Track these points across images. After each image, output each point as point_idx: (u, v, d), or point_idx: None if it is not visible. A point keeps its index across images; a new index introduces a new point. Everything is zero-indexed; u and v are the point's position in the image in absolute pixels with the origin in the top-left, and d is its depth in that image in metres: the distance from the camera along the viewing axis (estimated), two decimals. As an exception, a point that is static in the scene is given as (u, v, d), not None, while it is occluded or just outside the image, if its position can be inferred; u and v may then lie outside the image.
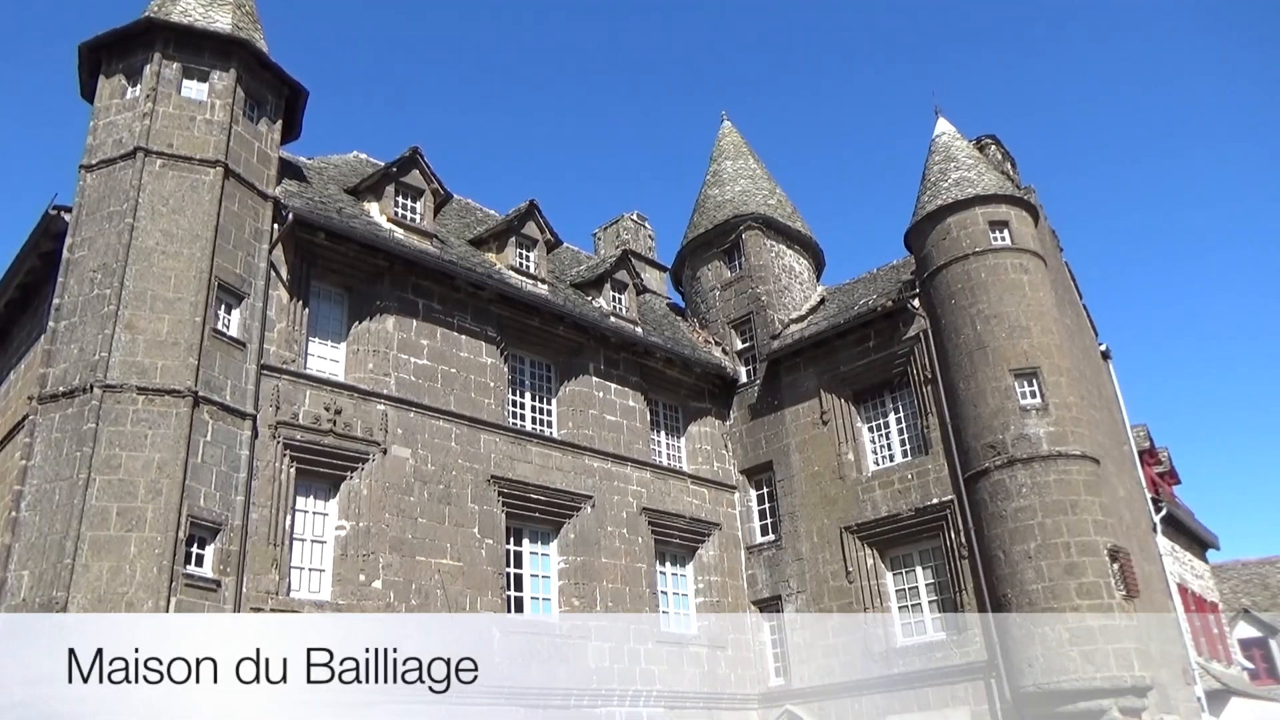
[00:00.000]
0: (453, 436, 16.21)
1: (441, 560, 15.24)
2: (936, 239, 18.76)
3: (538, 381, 18.90)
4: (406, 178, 17.56)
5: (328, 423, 14.51)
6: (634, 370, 20.21)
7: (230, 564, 12.54)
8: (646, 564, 18.66)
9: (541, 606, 17.05)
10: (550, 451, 17.82)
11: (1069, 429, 16.82)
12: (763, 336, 21.66)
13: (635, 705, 17.26)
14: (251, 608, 12.71)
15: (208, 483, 12.50)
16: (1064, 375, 17.36)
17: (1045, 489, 16.29)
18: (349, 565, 14.23)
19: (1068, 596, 15.53)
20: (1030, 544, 16.03)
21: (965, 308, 17.94)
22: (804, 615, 19.21)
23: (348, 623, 13.68)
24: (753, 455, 21.29)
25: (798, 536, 19.85)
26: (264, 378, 13.93)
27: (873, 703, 17.79)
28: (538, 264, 19.37)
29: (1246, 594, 34.76)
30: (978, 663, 16.58)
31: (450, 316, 17.07)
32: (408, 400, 15.74)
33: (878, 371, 19.63)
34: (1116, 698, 15.10)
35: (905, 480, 18.56)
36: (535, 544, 17.45)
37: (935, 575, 18.10)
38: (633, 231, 27.23)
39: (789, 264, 23.23)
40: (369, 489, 14.75)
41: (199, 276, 13.23)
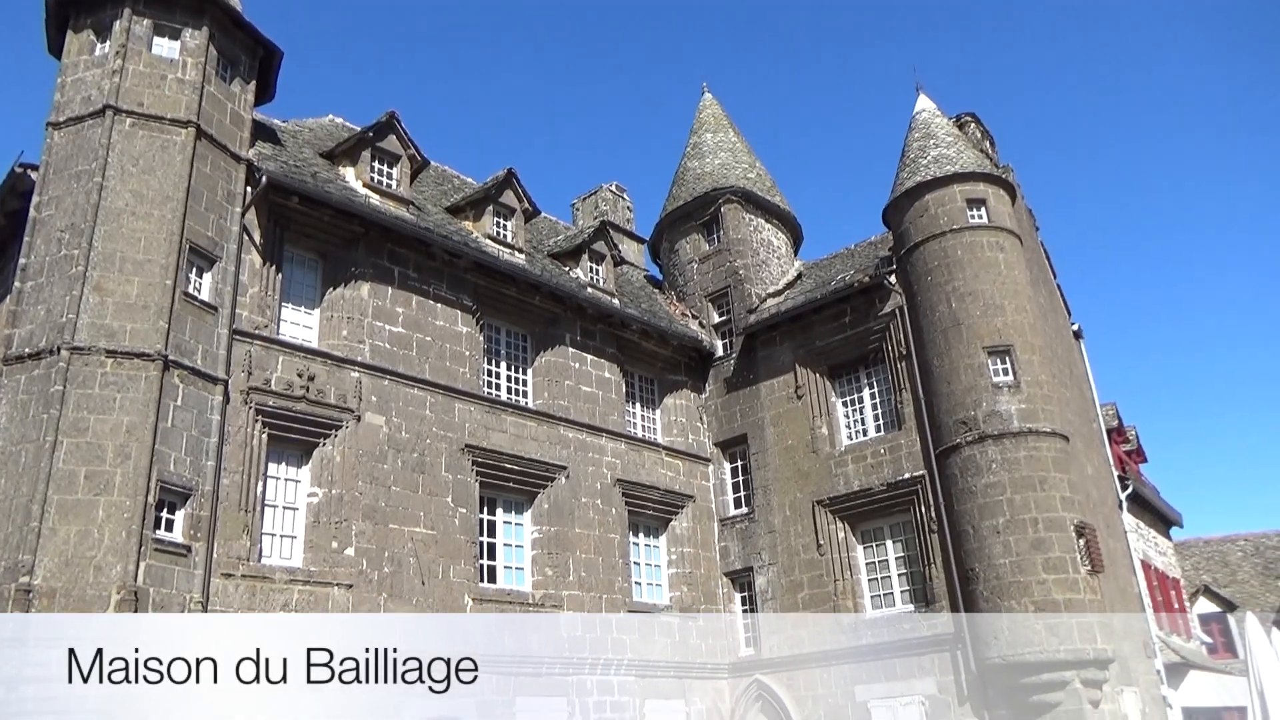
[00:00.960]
0: (427, 405, 16.15)
1: (415, 529, 15.23)
2: (914, 216, 18.81)
3: (513, 351, 18.83)
4: (383, 143, 17.33)
5: (300, 389, 14.39)
6: (610, 342, 20.19)
7: (201, 529, 12.46)
8: (620, 535, 18.75)
9: (515, 576, 17.10)
10: (525, 421, 17.80)
11: (1040, 406, 17.01)
12: (740, 310, 21.69)
13: (607, 674, 17.41)
14: (222, 573, 12.66)
15: (178, 448, 12.38)
16: (1036, 353, 17.52)
17: (1015, 465, 16.49)
18: (321, 532, 14.18)
19: (1034, 571, 15.78)
20: (999, 519, 16.24)
21: (941, 285, 18.03)
22: (775, 587, 19.42)
23: (323, 592, 13.67)
24: (727, 428, 21.39)
25: (770, 509, 20.01)
26: (236, 343, 13.78)
27: (841, 673, 18.05)
28: (515, 233, 19.24)
29: (1207, 571, 35.51)
30: (945, 635, 16.83)
31: (426, 284, 16.94)
32: (382, 368, 15.64)
33: (853, 347, 19.73)
34: (1079, 670, 15.41)
35: (878, 455, 18.73)
36: (509, 514, 17.48)
37: (905, 549, 18.32)
38: (611, 202, 27.09)
39: (767, 238, 23.23)
40: (342, 456, 14.68)
41: (170, 239, 13.02)
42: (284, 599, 13.24)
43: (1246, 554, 36.34)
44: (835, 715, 17.92)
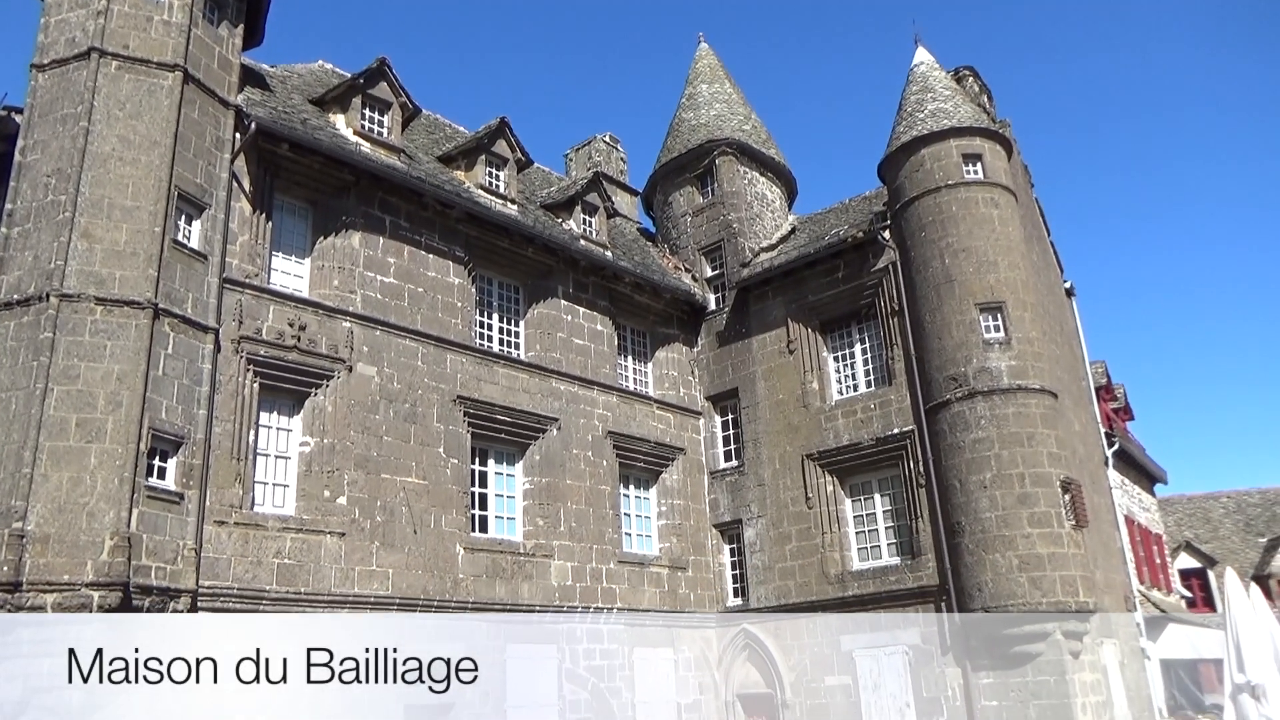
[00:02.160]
0: (419, 356, 16.14)
1: (407, 479, 15.31)
2: (910, 170, 18.69)
3: (505, 303, 18.78)
4: (374, 90, 17.07)
5: (291, 339, 14.35)
6: (603, 294, 20.14)
7: (193, 477, 12.51)
8: (610, 486, 18.90)
9: (506, 526, 17.25)
10: (517, 373, 17.82)
11: (1030, 363, 17.09)
12: (733, 264, 21.63)
13: (597, 623, 17.67)
14: (215, 521, 12.73)
15: (169, 396, 12.37)
16: (1028, 310, 17.55)
17: (1004, 421, 16.61)
18: (313, 481, 14.25)
19: (1019, 525, 15.98)
20: (986, 474, 16.40)
21: (935, 240, 17.98)
22: (763, 539, 19.65)
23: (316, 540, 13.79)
24: (719, 382, 21.46)
25: (760, 463, 20.16)
26: (226, 291, 13.70)
27: (826, 623, 18.36)
28: (508, 183, 19.07)
29: (1189, 527, 36.06)
30: (930, 587, 17.09)
31: (418, 235, 16.82)
32: (374, 318, 15.60)
33: (845, 302, 19.73)
34: (1060, 622, 15.68)
35: (868, 410, 18.83)
36: (500, 464, 17.57)
37: (893, 503, 18.52)
38: (605, 154, 26.85)
39: (761, 191, 23.08)
40: (334, 406, 14.70)
41: (158, 185, 12.86)
42: (276, 546, 13.34)
43: (1228, 511, 36.91)
44: (820, 664, 18.26)
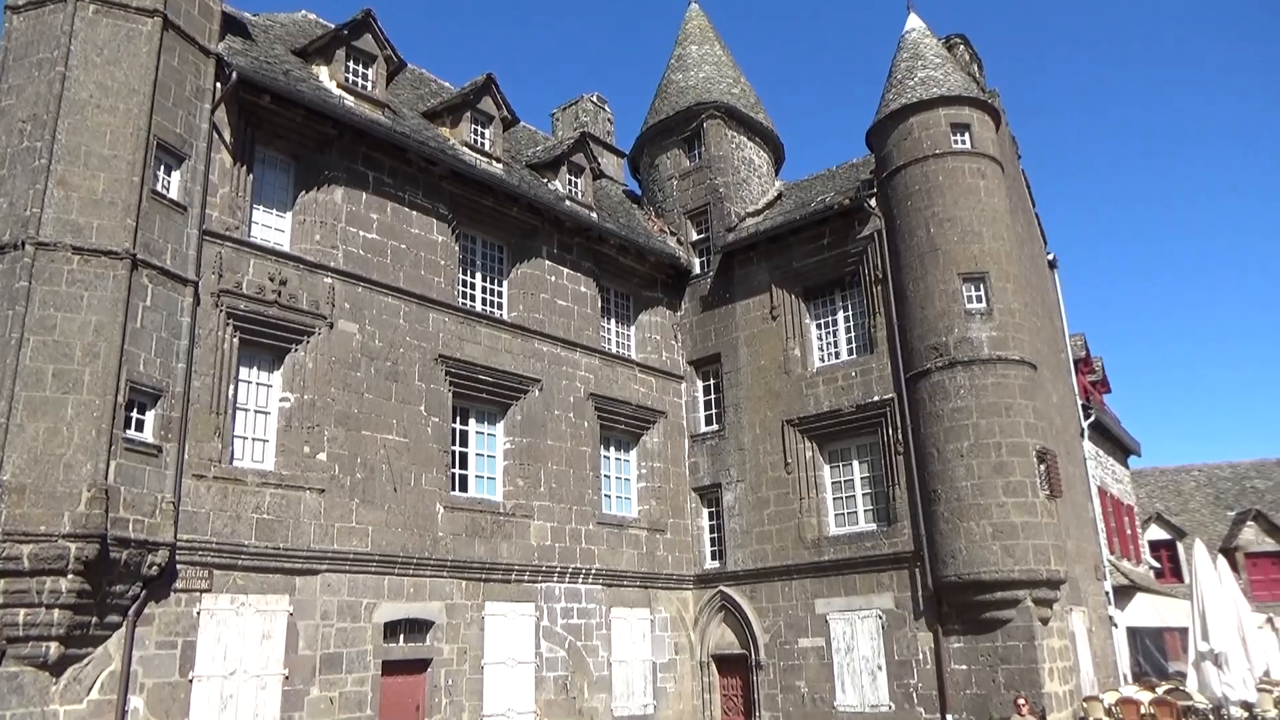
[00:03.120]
0: (401, 314, 16.04)
1: (387, 436, 15.29)
2: (898, 139, 18.62)
3: (489, 262, 18.67)
4: (358, 42, 16.78)
5: (272, 293, 14.22)
6: (587, 256, 20.05)
7: (171, 430, 12.43)
8: (591, 448, 18.96)
9: (486, 486, 17.30)
10: (500, 333, 17.76)
11: (1010, 334, 17.19)
12: (718, 228, 21.57)
13: (575, 582, 17.83)
14: (194, 475, 12.68)
15: (147, 348, 12.25)
16: (1010, 281, 17.62)
17: (983, 391, 16.75)
18: (293, 437, 14.20)
19: (994, 494, 16.18)
20: (964, 443, 16.57)
21: (921, 209, 17.98)
22: (742, 503, 19.82)
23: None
24: (701, 346, 21.49)
25: (741, 428, 20.27)
26: (206, 244, 13.52)
27: (802, 587, 18.60)
28: (493, 142, 18.87)
29: (1160, 499, 36.65)
30: (904, 553, 17.32)
31: (401, 191, 16.65)
32: (356, 274, 15.47)
33: (830, 269, 19.74)
34: (1031, 589, 15.95)
35: (849, 378, 18.93)
36: (481, 424, 17.57)
37: (870, 469, 18.69)
38: (592, 114, 26.59)
39: (749, 156, 22.96)
40: (314, 362, 14.61)
41: (136, 134, 12.63)
42: (256, 502, 13.32)
43: (1199, 484, 37.51)
44: (795, 627, 18.53)
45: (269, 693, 12.97)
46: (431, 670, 15.14)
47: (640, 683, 18.72)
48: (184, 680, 12.19)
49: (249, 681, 12.80)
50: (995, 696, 15.81)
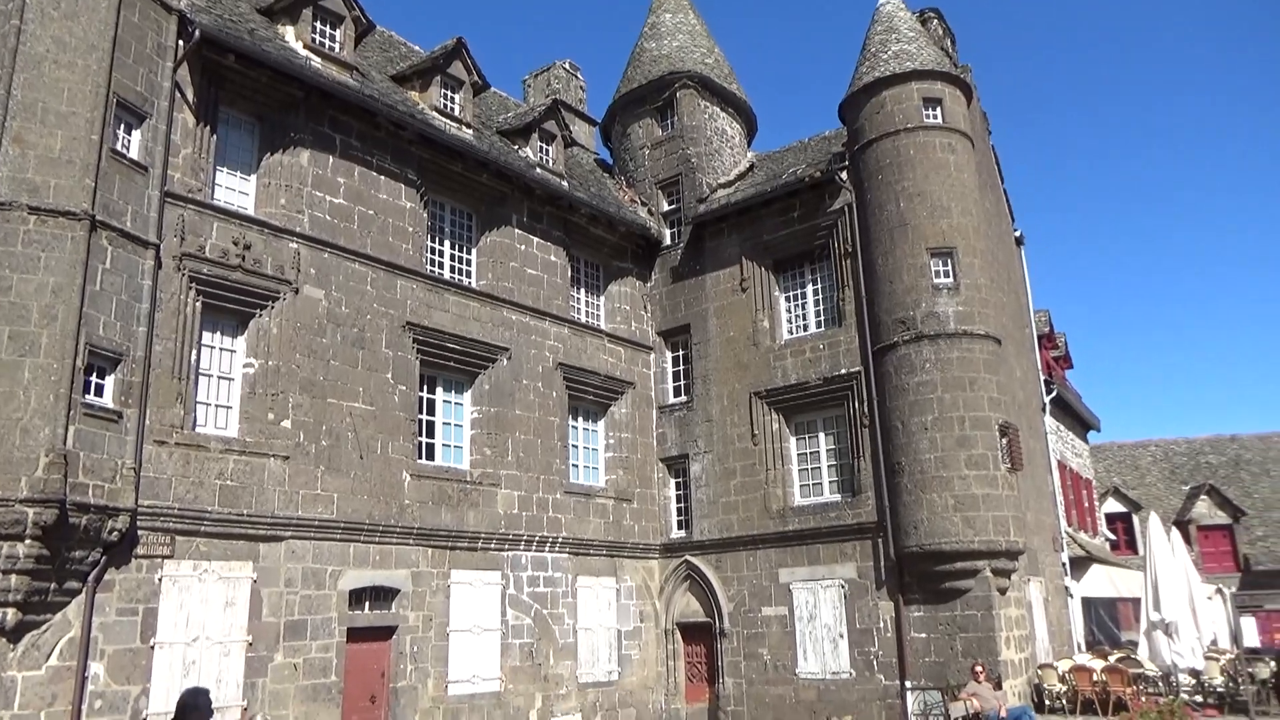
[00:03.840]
0: (368, 280, 15.87)
1: (353, 404, 15.17)
2: (870, 112, 18.62)
3: (458, 230, 18.49)
4: (325, 1, 16.41)
5: (236, 257, 13.98)
6: (557, 225, 19.93)
7: (132, 396, 12.24)
8: (559, 418, 18.95)
9: (453, 454, 17.25)
10: (468, 301, 17.64)
11: (977, 309, 17.37)
12: (690, 199, 21.52)
13: (541, 550, 17.90)
14: (155, 441, 12.52)
15: (107, 312, 12.02)
16: (978, 257, 17.77)
17: (948, 365, 16.93)
18: (257, 403, 14.05)
19: (957, 467, 16.42)
20: (928, 416, 16.76)
21: (891, 184, 18.03)
22: (709, 474, 19.96)
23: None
24: (671, 317, 21.50)
25: (709, 399, 20.36)
26: (168, 206, 13.25)
27: (766, 557, 18.82)
28: (463, 107, 18.62)
29: (1118, 473, 37.39)
30: (868, 524, 17.56)
31: (369, 155, 16.40)
32: (322, 240, 15.25)
33: (800, 242, 19.78)
34: (991, 560, 16.26)
35: (817, 350, 19.04)
36: (449, 393, 17.49)
37: (836, 442, 18.87)
38: (564, 81, 26.30)
39: (721, 127, 22.87)
40: (279, 328, 14.43)
41: (95, 91, 12.29)
42: (219, 468, 13.19)
43: (1156, 459, 38.30)
44: (759, 595, 18.77)
45: (232, 659, 12.94)
46: (397, 637, 15.16)
47: (605, 650, 18.89)
48: (145, 647, 12.12)
49: (212, 648, 12.75)
50: (953, 664, 16.15)
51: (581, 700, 18.02)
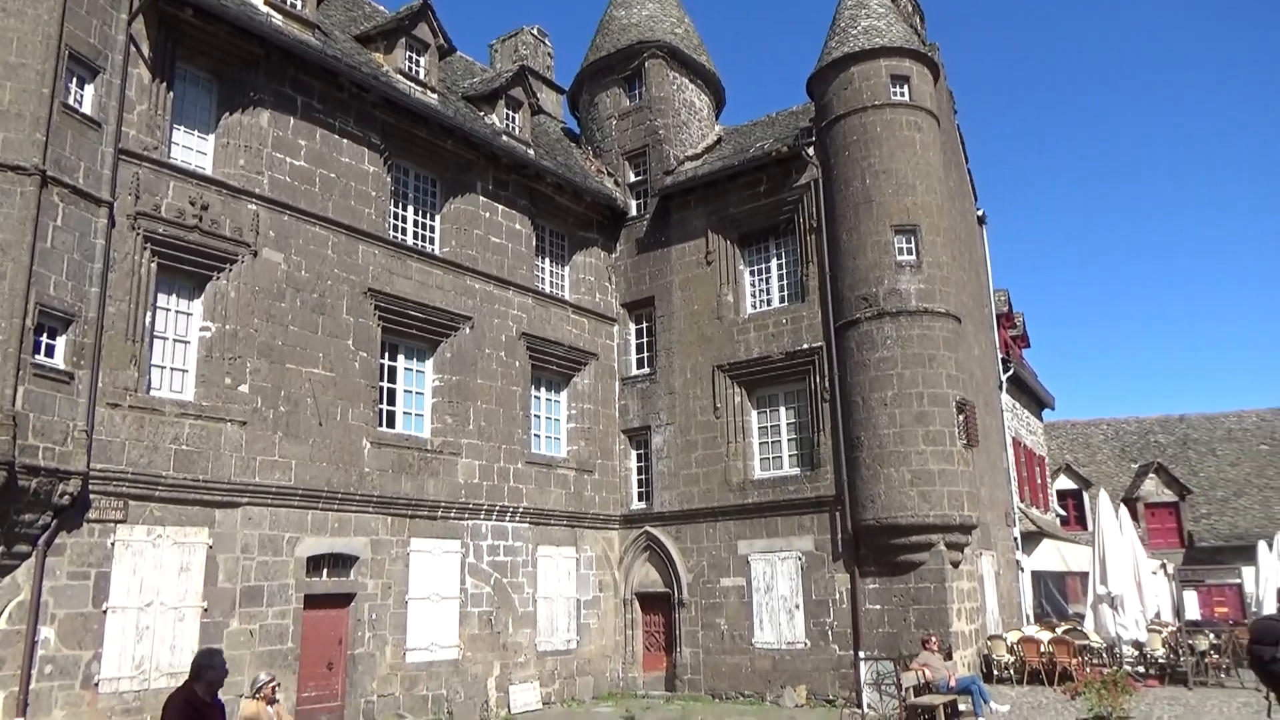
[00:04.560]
0: (329, 245, 15.63)
1: (313, 369, 14.99)
2: (838, 88, 18.63)
3: (422, 196, 18.25)
4: (287, -43, 16.00)
5: (193, 218, 13.68)
6: (523, 193, 19.75)
7: (84, 357, 11.98)
8: (522, 388, 18.89)
9: (414, 422, 17.14)
10: (431, 269, 17.46)
11: (938, 287, 17.54)
12: (656, 171, 21.43)
13: (502, 520, 17.90)
14: (108, 403, 12.28)
15: (58, 270, 11.72)
16: (941, 235, 17.93)
17: (909, 342, 17.11)
18: (214, 367, 13.82)
19: (915, 442, 16.65)
20: (888, 392, 16.96)
21: (858, 160, 18.09)
22: (670, 446, 20.05)
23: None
24: (635, 289, 21.47)
25: (672, 371, 20.41)
26: (122, 163, 12.91)
27: (726, 528, 18.99)
28: (428, 70, 18.32)
29: (1070, 451, 38.16)
30: (826, 498, 17.77)
31: (331, 118, 16.10)
32: (282, 202, 14.97)
33: (766, 216, 19.81)
34: (945, 534, 16.55)
35: (780, 325, 19.15)
36: (411, 360, 17.35)
37: (797, 416, 19.03)
38: (532, 47, 25.97)
39: (690, 99, 22.75)
40: (237, 291, 14.17)
41: (46, 42, 11.89)
42: (174, 432, 12.98)
43: (1107, 437, 39.14)
44: (717, 566, 18.95)
45: (187, 624, 12.81)
46: (355, 604, 15.11)
47: (564, 619, 18.99)
48: (97, 611, 11.96)
49: (166, 613, 12.61)
50: (906, 635, 16.46)
51: (540, 668, 18.13)
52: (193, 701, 6.01)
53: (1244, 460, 35.77)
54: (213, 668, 6.12)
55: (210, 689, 6.11)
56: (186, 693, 6.07)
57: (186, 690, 6.10)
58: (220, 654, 6.38)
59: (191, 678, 6.14)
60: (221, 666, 6.21)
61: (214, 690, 6.15)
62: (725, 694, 18.30)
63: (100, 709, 11.78)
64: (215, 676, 6.13)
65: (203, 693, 6.07)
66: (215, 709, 6.15)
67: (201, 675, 6.08)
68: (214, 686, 6.14)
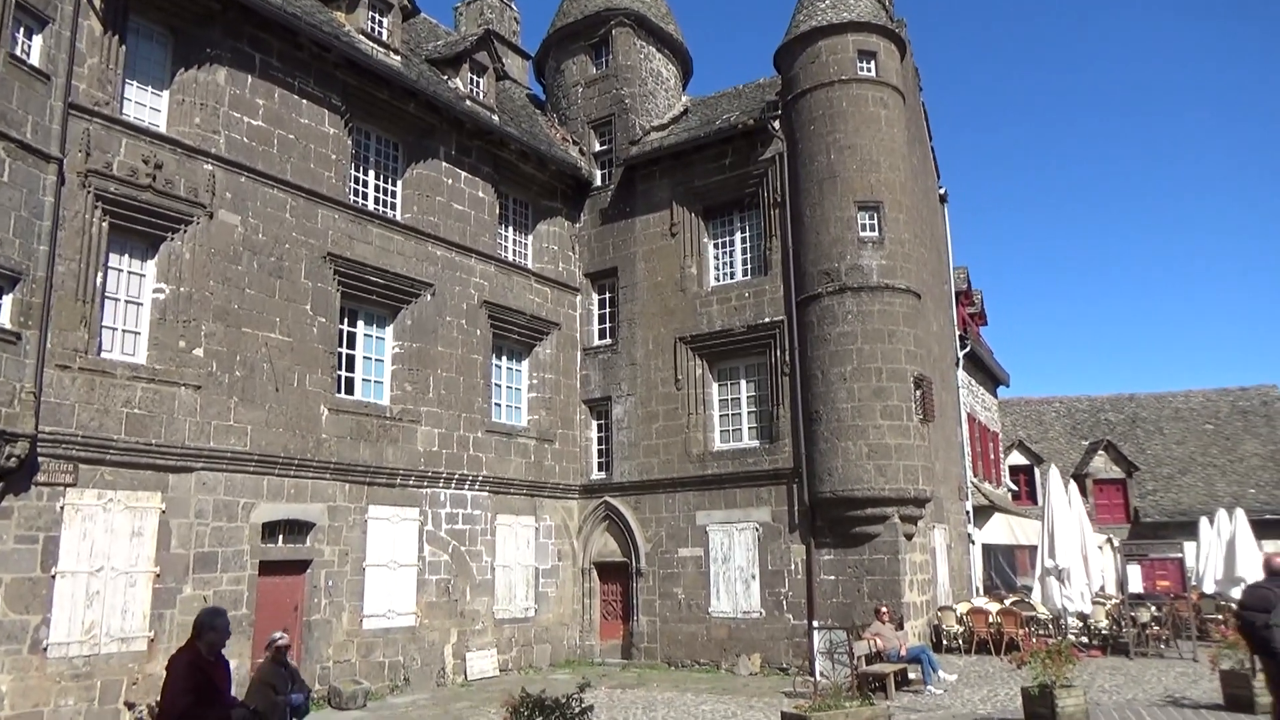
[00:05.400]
0: (288, 208, 15.35)
1: (270, 334, 14.77)
2: (805, 61, 18.60)
3: (383, 160, 17.97)
4: (245, -91, 15.54)
5: (146, 177, 13.35)
6: (486, 160, 19.53)
7: (32, 317, 11.69)
8: (483, 356, 18.80)
9: (373, 389, 16.99)
10: (392, 234, 17.24)
11: (899, 264, 17.70)
12: (622, 141, 21.29)
13: (461, 488, 17.86)
14: (57, 365, 12.01)
15: (4, 228, 11.38)
16: (903, 212, 18.05)
17: (869, 318, 17.27)
18: (168, 330, 13.56)
19: (872, 417, 16.85)
20: (847, 367, 17.12)
21: (823, 135, 18.12)
22: (631, 416, 20.11)
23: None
24: (599, 260, 21.39)
25: (634, 343, 20.41)
26: (72, 119, 12.54)
27: (685, 499, 19.14)
28: (391, 31, 17.98)
29: (1024, 427, 38.89)
30: (784, 470, 17.95)
31: (291, 77, 15.75)
32: (239, 163, 14.65)
33: (730, 189, 19.80)
34: (900, 507, 16.83)
35: (742, 298, 19.21)
36: (370, 326, 17.16)
37: (757, 389, 19.17)
38: (498, 11, 25.56)
39: (657, 68, 22.59)
40: (192, 253, 13.89)
41: (-9, -10, 11.49)
42: (126, 395, 12.74)
43: (1059, 414, 39.92)
44: (675, 537, 19.11)
45: (139, 589, 12.66)
46: (311, 571, 15.03)
47: (523, 587, 19.06)
48: (46, 576, 11.76)
49: (117, 578, 12.45)
50: (859, 605, 16.76)
51: (497, 635, 18.20)
52: (197, 662, 6.13)
53: (1189, 439, 36.72)
54: (214, 629, 6.25)
55: (212, 649, 6.26)
56: (191, 653, 6.18)
57: (190, 651, 6.21)
58: (224, 615, 6.47)
59: (194, 636, 6.24)
60: (224, 629, 6.33)
61: (216, 650, 6.30)
62: (681, 662, 18.53)
63: (49, 674, 11.63)
64: (215, 638, 6.26)
65: (205, 652, 6.20)
66: (220, 666, 6.30)
67: (202, 635, 6.21)
68: (215, 647, 6.29)
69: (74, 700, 11.82)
